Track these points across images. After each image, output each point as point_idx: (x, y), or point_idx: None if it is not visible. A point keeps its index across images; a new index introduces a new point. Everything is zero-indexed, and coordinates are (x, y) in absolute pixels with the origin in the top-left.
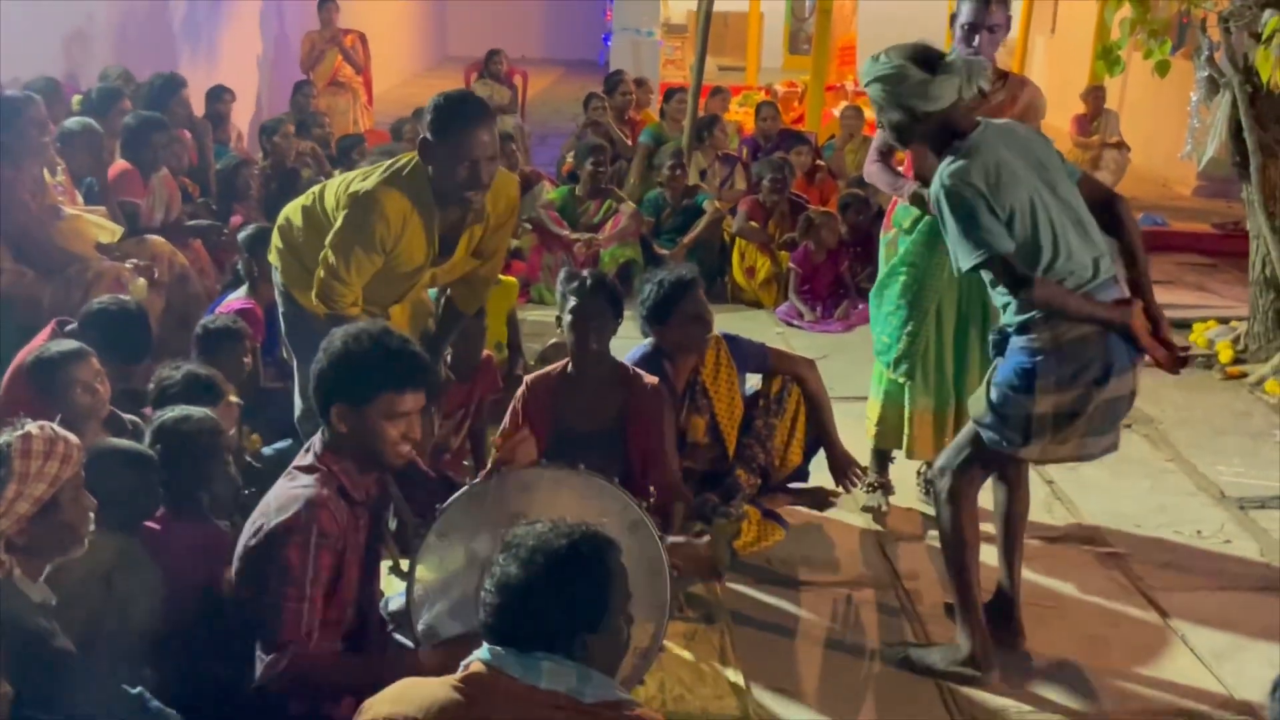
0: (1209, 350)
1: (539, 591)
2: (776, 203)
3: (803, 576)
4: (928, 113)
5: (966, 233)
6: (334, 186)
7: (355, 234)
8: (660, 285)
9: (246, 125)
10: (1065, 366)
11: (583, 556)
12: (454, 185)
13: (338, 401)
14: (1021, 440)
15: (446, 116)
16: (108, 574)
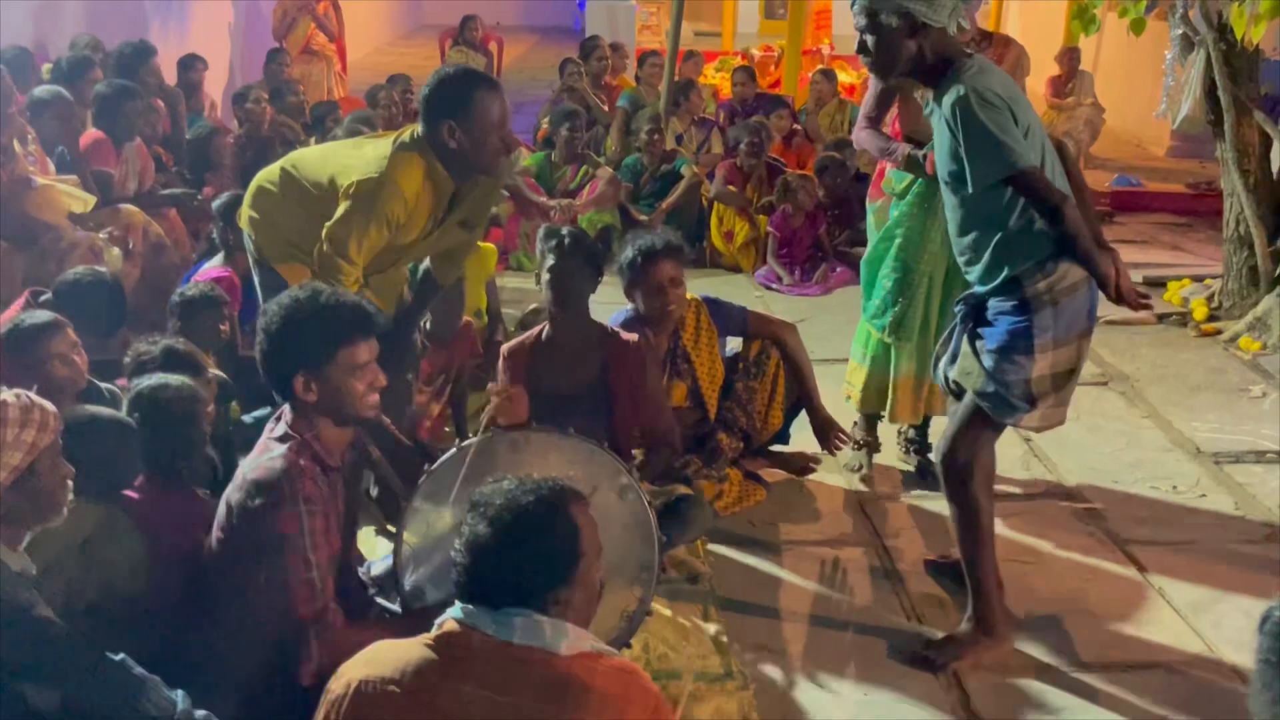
0: (1183, 308)
1: (507, 548)
2: (754, 166)
3: (784, 536)
4: (926, 25)
5: (993, 144)
6: (315, 157)
7: (370, 212)
8: (635, 248)
9: (220, 94)
10: (1060, 320)
11: (549, 510)
12: (483, 158)
13: (298, 372)
14: (1027, 406)
15: (464, 93)
16: (87, 543)
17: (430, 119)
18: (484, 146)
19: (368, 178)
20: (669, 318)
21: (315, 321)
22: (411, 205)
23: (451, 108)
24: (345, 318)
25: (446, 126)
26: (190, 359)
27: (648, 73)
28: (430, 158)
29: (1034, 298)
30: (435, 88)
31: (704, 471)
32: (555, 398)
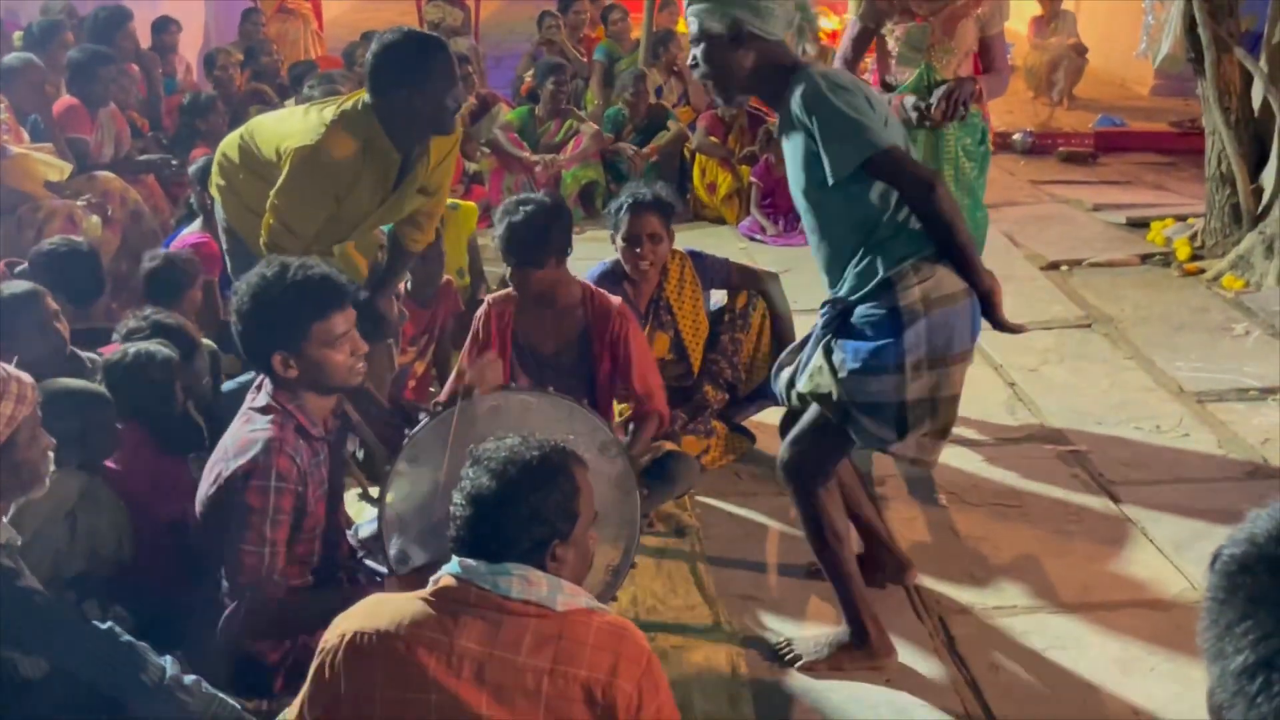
0: (1166, 248)
1: (511, 500)
2: (735, 116)
3: (771, 488)
4: (757, 36)
5: (850, 127)
6: (269, 125)
7: (305, 182)
8: (626, 195)
9: (194, 57)
10: (937, 336)
11: (553, 466)
12: (429, 123)
13: (275, 351)
14: (896, 434)
15: (416, 58)
16: (71, 512)
17: (382, 88)
18: (440, 109)
19: (304, 145)
20: (642, 274)
21: (285, 300)
22: (350, 174)
23: (405, 75)
24: (315, 292)
25: (403, 93)
26: (181, 331)
27: (616, 27)
28: (373, 126)
29: (907, 307)
30: (384, 56)
31: (690, 426)
32: (536, 356)
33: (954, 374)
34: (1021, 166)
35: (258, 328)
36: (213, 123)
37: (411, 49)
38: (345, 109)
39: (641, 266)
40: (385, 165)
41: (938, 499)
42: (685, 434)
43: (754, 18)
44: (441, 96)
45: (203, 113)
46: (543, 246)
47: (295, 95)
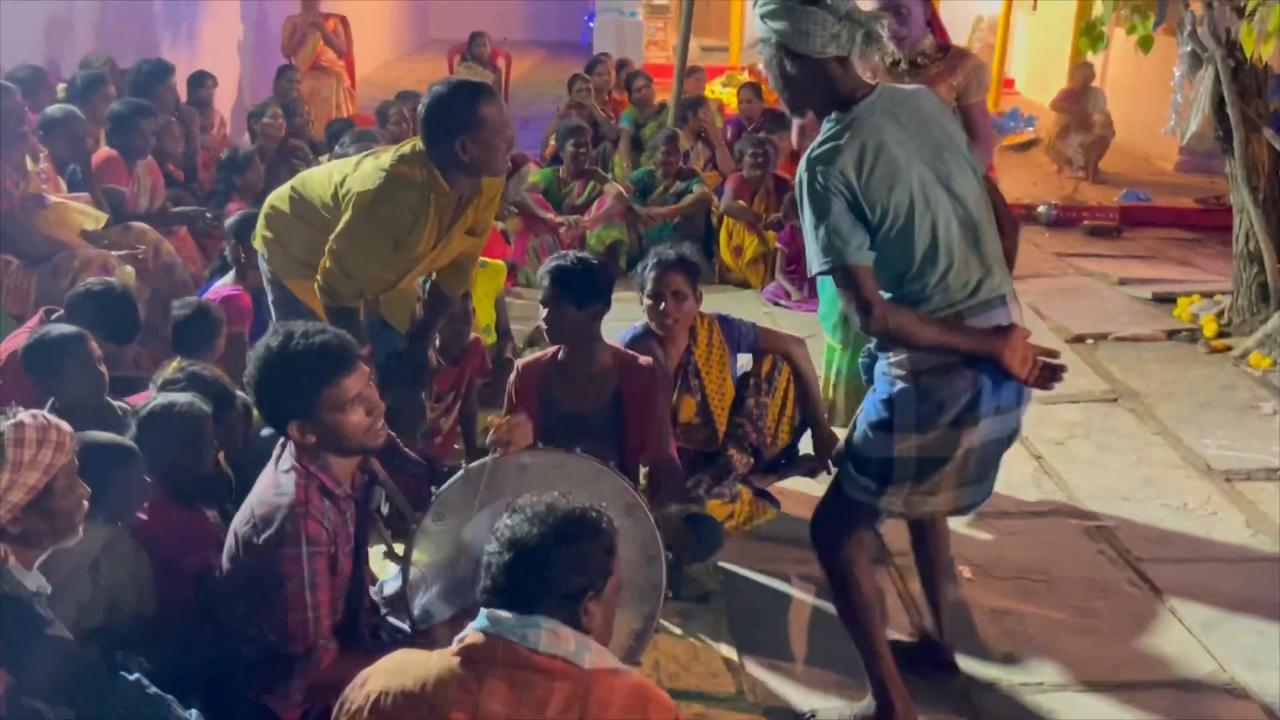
0: (1193, 324)
1: (554, 545)
2: (760, 178)
3: (795, 555)
4: (799, 56)
5: (819, 233)
6: (322, 176)
7: (368, 225)
8: (653, 254)
9: (229, 111)
10: (925, 403)
11: (594, 519)
12: (493, 162)
13: (289, 420)
14: (877, 486)
15: (470, 106)
16: (94, 564)
17: (436, 136)
18: (494, 153)
19: (366, 190)
20: (669, 331)
21: (291, 369)
22: (410, 217)
23: (460, 124)
24: (319, 359)
25: (459, 142)
26: (216, 384)
27: (640, 94)
28: (431, 171)
29: (898, 372)
30: (439, 105)
31: (715, 489)
32: (568, 418)
33: (947, 439)
34: (1047, 239)
35: (270, 397)
36: (249, 178)
37: (465, 97)
38: (403, 153)
39: (666, 323)
40: (442, 207)
41: (960, 572)
42: (710, 498)
43: (792, 36)
44: (494, 140)
45: (240, 168)
46: (588, 284)
47: (329, 152)
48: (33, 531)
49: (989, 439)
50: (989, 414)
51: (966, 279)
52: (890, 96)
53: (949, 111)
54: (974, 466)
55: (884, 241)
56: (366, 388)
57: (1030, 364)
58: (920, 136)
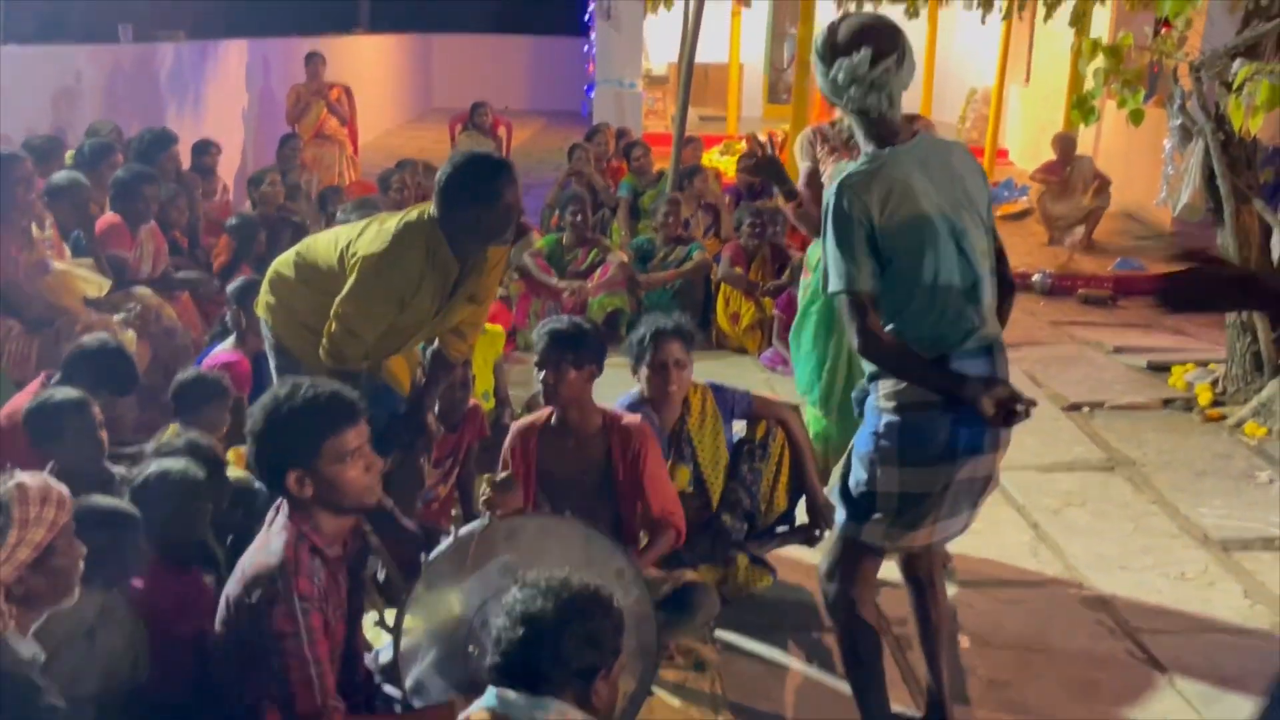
0: (1188, 393)
1: (567, 625)
2: (758, 247)
3: (792, 622)
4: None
5: (836, 256)
6: (327, 241)
7: (374, 287)
8: (645, 326)
9: (232, 178)
10: (907, 437)
11: (605, 597)
12: (492, 234)
13: (289, 469)
14: (859, 519)
15: (491, 180)
16: (90, 631)
17: (453, 205)
18: (505, 226)
19: (372, 253)
20: (670, 399)
21: (297, 417)
22: (415, 281)
23: (476, 195)
24: (326, 408)
25: (474, 215)
26: (208, 454)
27: (639, 163)
28: (436, 239)
29: (881, 400)
30: (459, 175)
31: (708, 555)
32: (562, 480)
33: (928, 474)
34: (1041, 307)
35: (272, 445)
36: (255, 244)
37: (485, 170)
38: (409, 220)
39: (670, 390)
40: (446, 273)
41: (959, 642)
42: (704, 563)
43: (821, 81)
44: (508, 212)
45: (249, 234)
46: (583, 345)
47: (324, 217)
48: (35, 591)
49: (965, 478)
50: (965, 454)
51: (959, 326)
52: (927, 146)
53: (979, 171)
54: (949, 502)
55: (889, 276)
56: (366, 445)
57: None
58: (944, 190)
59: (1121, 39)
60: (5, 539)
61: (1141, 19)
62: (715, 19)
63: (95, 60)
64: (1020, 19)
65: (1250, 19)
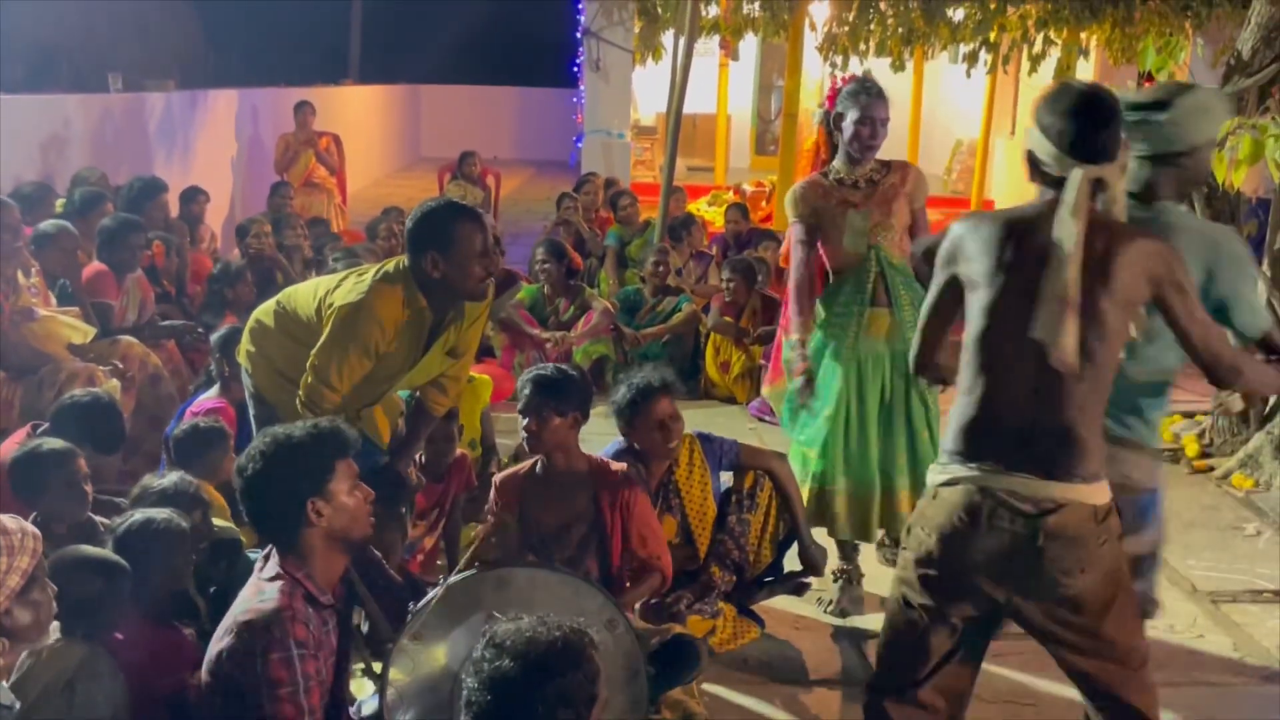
0: (1175, 444)
1: (535, 684)
2: (745, 300)
3: (780, 675)
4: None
5: (1258, 299)
6: (307, 291)
7: (349, 339)
8: (630, 389)
9: (220, 227)
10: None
11: (575, 649)
12: (466, 285)
13: (309, 498)
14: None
15: (446, 224)
16: (70, 683)
17: (414, 250)
18: (466, 275)
19: (347, 303)
20: (670, 454)
21: (306, 446)
22: (390, 332)
23: (433, 239)
24: (331, 435)
25: (429, 257)
26: (194, 498)
27: (625, 212)
28: (412, 287)
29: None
30: (419, 221)
31: (696, 606)
32: (548, 530)
33: None
34: None
35: (285, 478)
36: (240, 291)
37: (443, 217)
38: (387, 270)
39: (671, 448)
40: (419, 325)
41: None
42: (691, 613)
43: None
44: (466, 264)
45: (232, 282)
46: (568, 392)
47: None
48: (19, 624)
49: None
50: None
51: None
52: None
53: None
54: None
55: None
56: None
57: None
58: None
59: None
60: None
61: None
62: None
63: (85, 108)
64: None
65: (1231, 74)
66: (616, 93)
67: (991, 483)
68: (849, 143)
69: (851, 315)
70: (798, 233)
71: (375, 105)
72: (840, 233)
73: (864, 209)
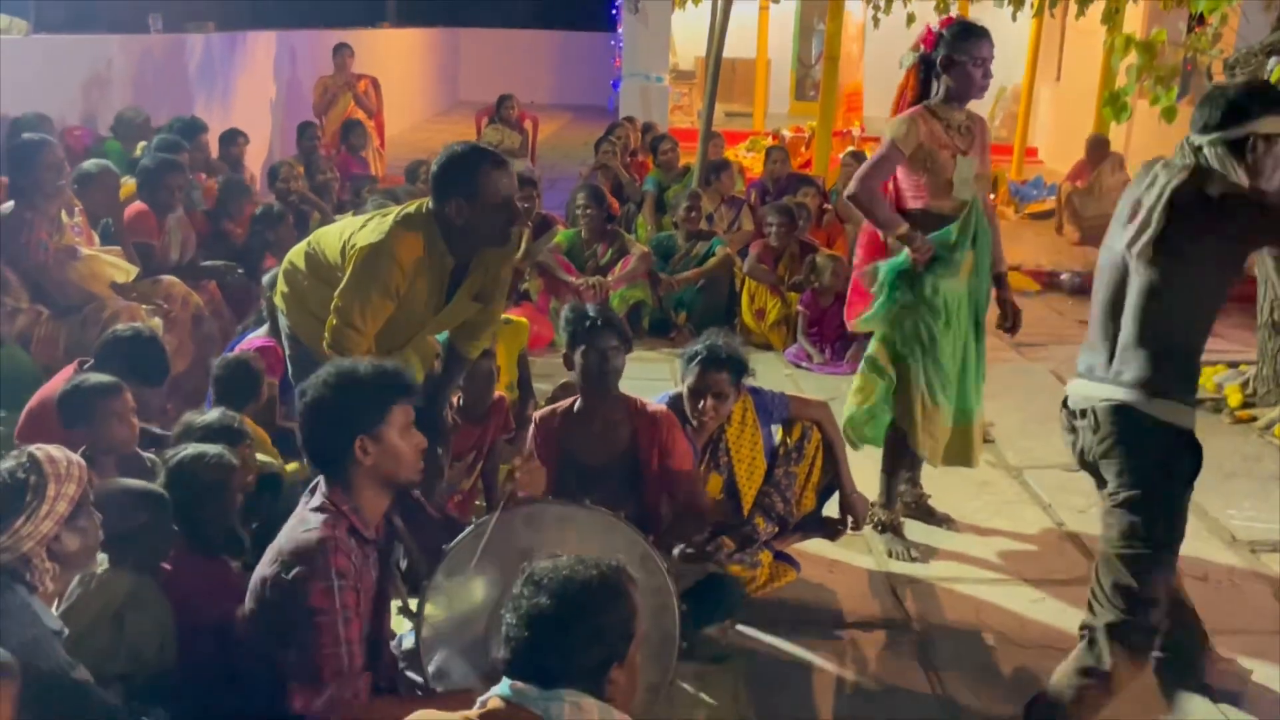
0: (1217, 394)
1: (573, 622)
2: (785, 245)
3: (814, 617)
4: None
5: None
6: (334, 233)
7: (370, 280)
8: (700, 349)
9: (259, 168)
10: None
11: (614, 586)
12: (489, 232)
13: (359, 434)
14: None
15: (472, 171)
16: (118, 613)
17: (438, 195)
18: (489, 221)
19: (367, 244)
20: (702, 425)
21: (366, 384)
22: (409, 273)
23: (458, 186)
24: (393, 377)
25: (454, 204)
26: (237, 433)
27: (665, 157)
28: (433, 232)
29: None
30: (444, 166)
31: (737, 555)
32: (585, 469)
33: None
34: (1070, 306)
35: (340, 413)
36: (282, 234)
37: (469, 163)
38: (408, 212)
39: (702, 420)
40: (441, 270)
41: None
42: (731, 563)
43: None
44: (490, 212)
45: (274, 224)
46: (612, 324)
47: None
48: (68, 550)
49: None
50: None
51: None
52: None
53: None
54: None
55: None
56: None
57: None
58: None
59: (1155, 35)
60: (45, 493)
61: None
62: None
63: (126, 50)
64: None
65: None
66: (655, 36)
67: None
68: (961, 84)
69: (948, 258)
70: (894, 156)
71: (414, 48)
72: (945, 175)
73: (970, 156)
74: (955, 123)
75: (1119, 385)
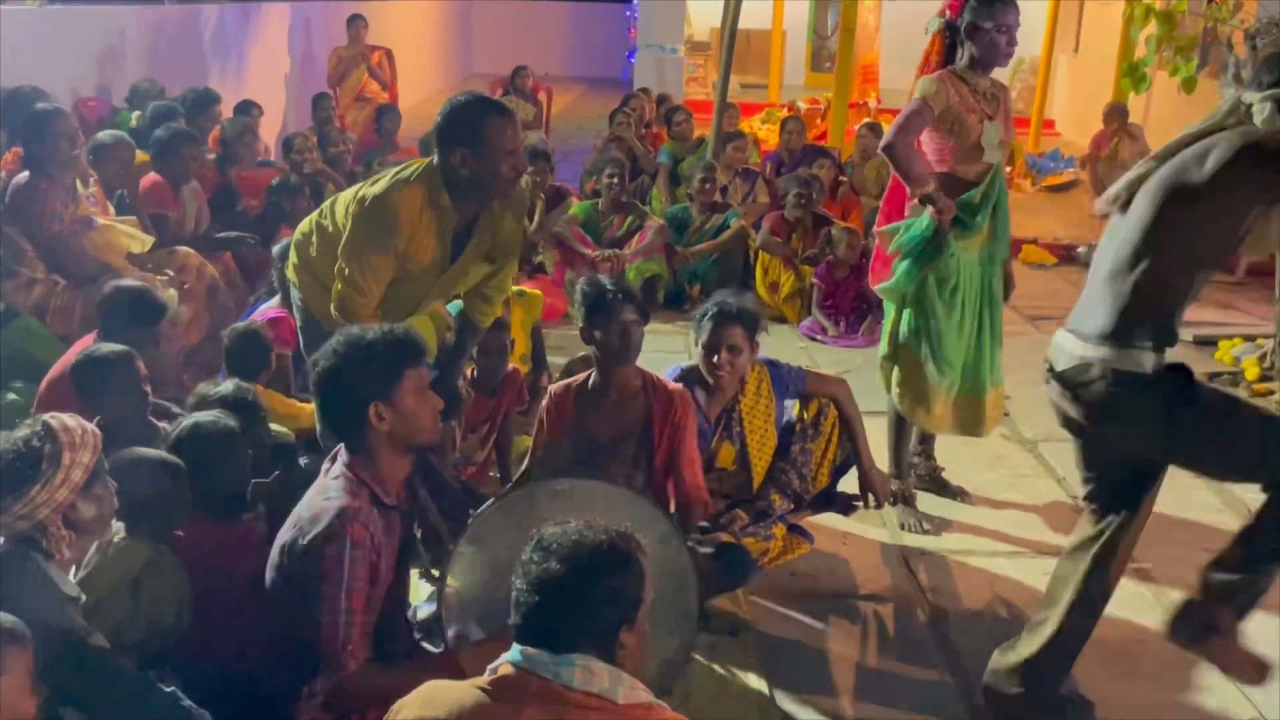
0: (1235, 368)
1: (583, 585)
2: (800, 218)
3: (827, 589)
4: None
5: None
6: (342, 200)
7: (368, 236)
8: (712, 306)
9: (274, 140)
10: None
11: (622, 551)
12: (495, 183)
13: (373, 400)
14: None
15: (475, 120)
16: (135, 581)
17: (443, 146)
18: (495, 172)
19: (366, 195)
20: (717, 381)
21: (379, 348)
22: (409, 230)
23: (462, 135)
24: (404, 342)
25: (458, 153)
26: (251, 404)
27: (679, 129)
28: (435, 186)
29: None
30: (447, 116)
31: (750, 529)
32: (598, 443)
33: None
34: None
35: (354, 378)
36: (299, 205)
37: (473, 112)
38: (412, 166)
39: (718, 375)
40: (444, 226)
41: (997, 610)
42: (746, 536)
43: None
44: (496, 161)
45: (290, 195)
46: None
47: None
48: (84, 518)
49: None
50: None
51: None
52: None
53: None
54: None
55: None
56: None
57: None
58: None
59: (1175, 5)
60: (60, 461)
61: None
62: None
63: (140, 21)
64: None
65: None
66: (670, 7)
67: None
68: (986, 51)
69: (969, 222)
70: (925, 112)
71: (427, 20)
72: (971, 139)
73: (996, 122)
74: (981, 88)
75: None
